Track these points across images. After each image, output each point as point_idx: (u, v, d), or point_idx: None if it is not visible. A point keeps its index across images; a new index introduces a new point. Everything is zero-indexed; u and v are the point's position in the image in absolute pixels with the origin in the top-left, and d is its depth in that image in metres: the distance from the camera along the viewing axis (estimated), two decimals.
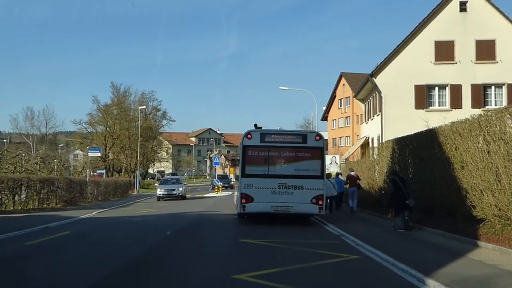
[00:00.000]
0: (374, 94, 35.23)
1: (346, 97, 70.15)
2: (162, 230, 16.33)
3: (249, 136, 17.62)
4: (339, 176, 25.63)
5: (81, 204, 29.64)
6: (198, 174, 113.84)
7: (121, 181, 43.59)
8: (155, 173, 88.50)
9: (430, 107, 31.55)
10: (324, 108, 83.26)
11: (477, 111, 15.93)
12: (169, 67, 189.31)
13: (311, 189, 17.65)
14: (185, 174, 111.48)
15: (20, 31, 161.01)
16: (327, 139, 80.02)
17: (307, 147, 17.74)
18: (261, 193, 17.26)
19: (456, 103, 31.15)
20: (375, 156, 22.78)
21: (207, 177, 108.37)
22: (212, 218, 21.20)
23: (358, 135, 67.40)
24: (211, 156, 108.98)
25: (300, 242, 13.36)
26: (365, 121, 40.32)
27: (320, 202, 17.70)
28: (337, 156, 37.87)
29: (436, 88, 31.73)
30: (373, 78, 32.04)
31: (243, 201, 17.30)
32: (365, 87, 36.29)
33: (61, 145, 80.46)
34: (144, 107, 59.20)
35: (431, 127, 18.50)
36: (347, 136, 70.32)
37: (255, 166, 17.58)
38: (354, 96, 41.52)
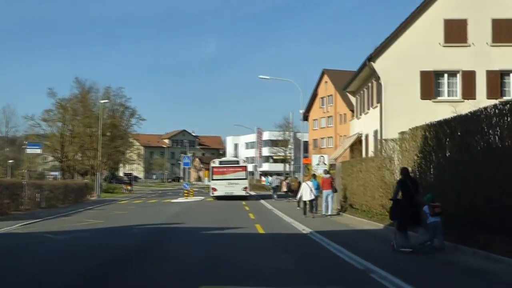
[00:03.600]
0: (370, 83, 29.90)
1: (329, 95, 64.98)
2: (71, 265, 10.29)
3: (214, 161, 39.18)
4: (314, 178, 22.70)
5: (11, 213, 23.44)
6: (171, 177, 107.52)
7: (74, 184, 37.28)
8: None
9: (438, 97, 26.38)
10: (301, 111, 78.19)
11: (493, 103, 11.71)
12: (145, 69, 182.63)
13: (241, 184, 35.91)
14: (154, 177, 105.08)
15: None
16: (307, 141, 74.86)
17: (240, 166, 37.43)
18: (220, 186, 35.88)
19: (468, 92, 26.01)
20: (386, 152, 17.22)
21: (180, 180, 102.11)
22: (167, 237, 15.30)
23: (342, 136, 62.32)
24: None
25: None
26: (357, 117, 34.97)
27: (246, 189, 36.41)
28: (325, 156, 32.48)
29: (446, 75, 26.53)
30: (372, 63, 26.65)
31: (213, 190, 36.26)
32: (359, 76, 30.93)
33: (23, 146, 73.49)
34: (107, 101, 52.71)
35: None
36: (329, 137, 65.11)
37: (217, 175, 36.81)
38: (344, 89, 36.17)
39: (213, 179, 36.44)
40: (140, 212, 26.25)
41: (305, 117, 71.32)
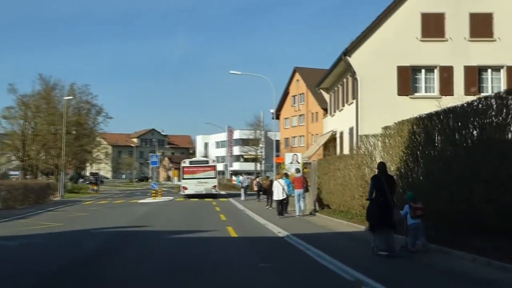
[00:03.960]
0: (345, 79, 28.85)
1: (300, 94, 63.99)
2: None
3: (184, 161, 39.83)
4: (286, 176, 22.06)
5: None
6: (140, 177, 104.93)
7: (35, 184, 35.11)
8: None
9: (416, 93, 25.48)
10: (272, 111, 77.12)
11: (471, 99, 11.14)
12: (114, 68, 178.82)
13: (211, 183, 36.97)
14: (123, 177, 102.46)
15: None
16: (279, 140, 73.77)
17: (209, 165, 38.66)
18: (190, 185, 36.61)
19: (446, 88, 25.16)
20: (367, 148, 16.06)
21: (148, 180, 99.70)
22: (125, 244, 13.68)
23: (314, 134, 61.42)
24: None
25: None
26: (330, 114, 33.92)
27: (215, 187, 37.40)
28: (299, 154, 31.26)
29: (423, 71, 25.66)
30: (347, 57, 25.55)
31: (184, 188, 37.08)
32: (333, 71, 29.82)
33: None
34: (71, 97, 50.23)
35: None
36: (301, 136, 64.11)
37: (188, 174, 37.41)
38: (317, 86, 35.07)
39: (183, 178, 37.48)
40: (103, 214, 24.54)
41: (277, 116, 70.27)
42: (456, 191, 10.40)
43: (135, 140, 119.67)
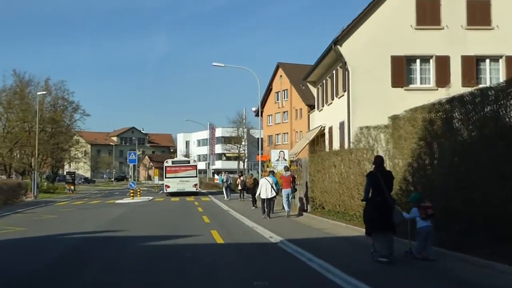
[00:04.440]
0: (334, 71, 27.11)
1: (284, 90, 62.16)
2: None
3: (167, 161, 41.37)
4: (273, 174, 20.46)
5: None
6: (119, 176, 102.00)
7: (4, 184, 32.65)
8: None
9: (411, 85, 23.88)
10: (253, 109, 75.31)
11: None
12: (95, 67, 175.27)
13: (192, 181, 38.69)
14: (104, 176, 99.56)
15: None
16: (262, 138, 71.83)
17: (190, 165, 40.56)
18: (173, 184, 38.37)
19: (442, 79, 23.59)
20: (369, 142, 14.28)
21: (128, 178, 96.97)
22: (92, 253, 11.66)
23: (298, 131, 59.70)
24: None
25: None
26: (318, 109, 32.16)
27: (196, 186, 39.19)
28: (285, 151, 29.44)
29: (418, 61, 24.05)
30: (338, 47, 23.79)
31: (166, 187, 38.94)
32: (322, 63, 28.04)
33: None
34: (44, 92, 47.52)
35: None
36: (284, 133, 62.30)
37: (170, 173, 39.03)
38: (304, 79, 33.27)
39: (166, 177, 39.24)
40: (74, 216, 22.37)
41: (260, 113, 68.41)
42: (491, 190, 8.61)
43: (114, 138, 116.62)
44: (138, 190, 37.49)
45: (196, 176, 39.73)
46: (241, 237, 13.48)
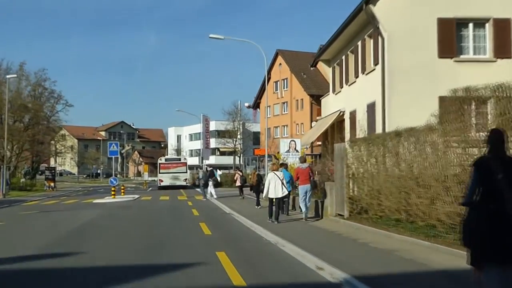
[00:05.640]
0: (359, 42, 21.82)
1: (284, 79, 56.78)
2: None
3: (161, 159, 45.59)
4: (285, 168, 16.80)
5: None
6: (108, 172, 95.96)
7: None
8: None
9: (462, 55, 18.66)
10: (246, 104, 69.95)
11: None
12: (84, 62, 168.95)
13: (182, 176, 42.19)
14: (94, 173, 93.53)
15: None
16: (259, 131, 66.48)
17: (181, 162, 44.68)
18: (166, 178, 42.06)
19: (502, 49, 18.43)
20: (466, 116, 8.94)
21: (117, 175, 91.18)
22: None
23: (298, 124, 54.42)
24: (122, 152, 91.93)
25: None
26: (334, 91, 26.79)
27: (186, 180, 42.52)
28: (297, 141, 24.06)
29: (471, 25, 18.82)
30: (370, 6, 18.50)
31: (160, 181, 42.70)
32: (342, 34, 22.69)
33: None
34: (15, 76, 41.54)
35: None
36: (284, 126, 56.92)
37: (163, 169, 42.90)
38: (317, 57, 27.87)
39: (160, 173, 43.35)
40: (27, 223, 16.75)
41: (256, 104, 63.12)
42: None
43: (102, 133, 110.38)
44: (122, 188, 31.98)
45: (186, 172, 44.22)
46: (268, 268, 8.09)
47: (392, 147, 10.97)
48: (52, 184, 48.76)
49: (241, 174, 28.92)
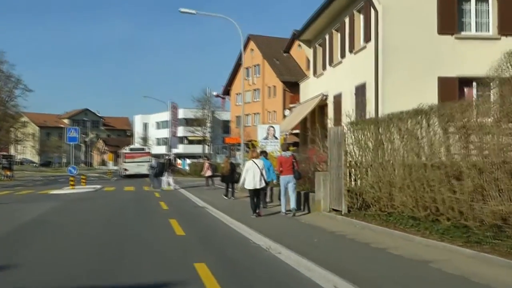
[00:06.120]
0: (347, 18, 19.66)
1: (255, 65, 54.37)
2: None
3: (125, 148, 47.29)
4: (265, 156, 14.58)
5: None
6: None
7: None
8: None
9: (463, 32, 16.72)
10: (215, 93, 67.31)
11: None
12: (50, 49, 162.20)
13: (146, 165, 36.40)
14: (55, 162, 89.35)
15: None
16: (229, 120, 63.94)
17: (145, 152, 46.12)
18: (130, 167, 42.50)
19: (507, 26, 16.57)
20: None
21: (81, 164, 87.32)
22: None
23: (270, 111, 52.28)
24: (86, 140, 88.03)
25: None
26: (315, 74, 24.60)
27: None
28: (276, 127, 21.81)
29: None
30: None
31: (125, 170, 43.15)
32: (327, 9, 20.45)
33: None
34: None
35: None
36: (255, 113, 54.59)
37: (128, 159, 43.59)
38: (297, 37, 25.59)
39: (125, 162, 44.32)
40: None
41: (227, 91, 60.61)
42: None
43: (66, 121, 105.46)
44: (83, 178, 29.14)
45: (150, 161, 44.44)
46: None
47: (412, 126, 8.77)
48: (9, 173, 45.44)
49: (210, 163, 26.67)
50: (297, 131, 28.25)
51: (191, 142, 73.16)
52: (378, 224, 9.59)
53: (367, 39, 17.51)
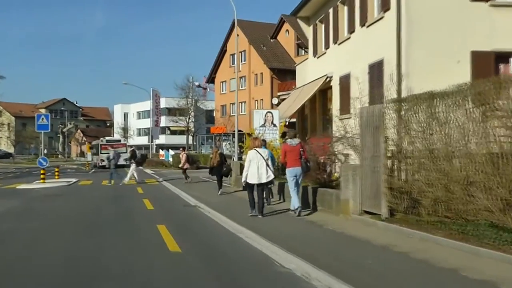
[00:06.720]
0: None
1: (241, 51, 51.45)
2: None
3: (102, 140, 46.96)
4: (265, 145, 12.64)
5: None
6: (50, 152, 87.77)
7: None
8: None
9: None
10: (197, 83, 64.36)
11: None
12: (27, 38, 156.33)
13: (123, 156, 33.04)
14: (32, 153, 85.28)
15: None
16: (213, 109, 60.95)
17: (121, 143, 46.94)
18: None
19: None
20: None
21: (59, 156, 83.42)
22: None
23: (257, 100, 49.53)
24: (63, 130, 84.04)
25: None
26: (315, 54, 21.87)
27: (126, 160, 29.40)
28: (275, 112, 19.09)
29: None
30: None
31: (101, 160, 39.21)
32: None
33: None
34: None
35: None
36: (241, 102, 51.73)
37: (105, 150, 40.38)
38: (294, 13, 22.65)
39: (101, 153, 43.01)
40: None
41: (211, 79, 57.61)
42: None
43: (43, 111, 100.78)
44: (56, 170, 26.07)
45: (126, 152, 43.62)
46: None
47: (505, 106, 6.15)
48: None
49: (186, 152, 24.05)
50: (293, 120, 25.59)
51: (173, 132, 70.02)
52: (446, 236, 6.96)
53: (385, 7, 14.85)
